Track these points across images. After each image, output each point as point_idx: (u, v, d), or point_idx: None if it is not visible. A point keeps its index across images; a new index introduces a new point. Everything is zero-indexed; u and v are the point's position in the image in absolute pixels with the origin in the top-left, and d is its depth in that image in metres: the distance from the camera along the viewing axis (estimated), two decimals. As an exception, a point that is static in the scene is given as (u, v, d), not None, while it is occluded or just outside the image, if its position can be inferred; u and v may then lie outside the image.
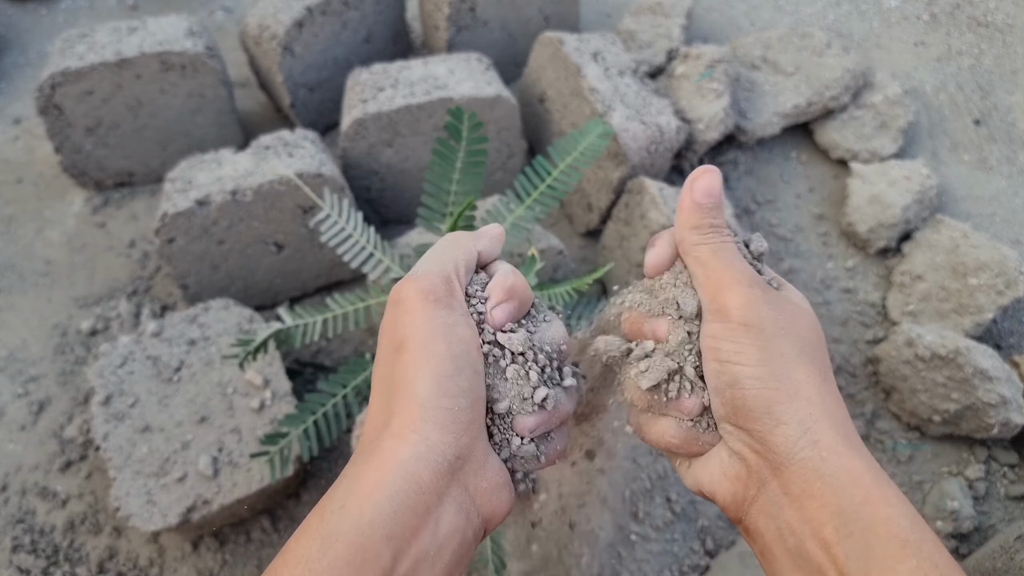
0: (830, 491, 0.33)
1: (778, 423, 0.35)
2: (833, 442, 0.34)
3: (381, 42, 1.18)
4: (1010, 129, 1.17)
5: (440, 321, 0.36)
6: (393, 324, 0.37)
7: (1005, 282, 0.88)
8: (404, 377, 0.36)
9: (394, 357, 0.36)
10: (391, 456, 0.34)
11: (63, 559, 0.76)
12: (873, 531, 0.32)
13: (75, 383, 0.88)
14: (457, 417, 0.35)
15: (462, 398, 0.35)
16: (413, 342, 0.36)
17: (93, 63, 0.94)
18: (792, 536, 0.34)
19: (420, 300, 0.36)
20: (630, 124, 0.90)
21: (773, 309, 0.37)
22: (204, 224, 0.84)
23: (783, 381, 0.36)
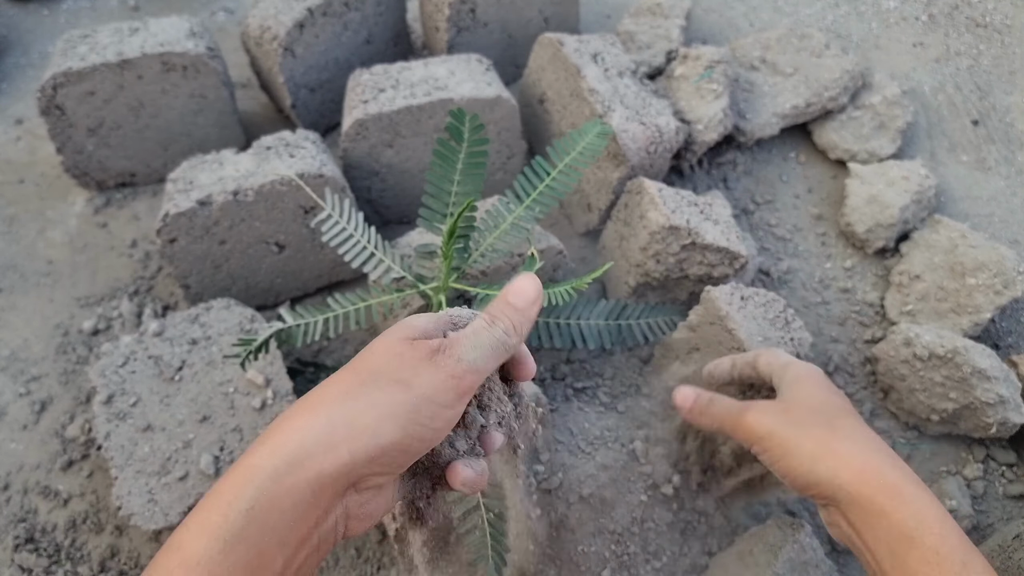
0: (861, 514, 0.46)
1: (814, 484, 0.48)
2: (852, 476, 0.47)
3: (382, 43, 1.18)
4: (1008, 130, 1.17)
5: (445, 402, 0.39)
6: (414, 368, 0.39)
7: (1003, 282, 0.88)
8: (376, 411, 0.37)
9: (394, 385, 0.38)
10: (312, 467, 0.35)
11: (65, 558, 0.76)
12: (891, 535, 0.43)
13: (77, 382, 0.89)
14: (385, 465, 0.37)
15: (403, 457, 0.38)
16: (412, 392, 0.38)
17: (95, 64, 0.94)
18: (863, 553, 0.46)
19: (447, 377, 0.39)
20: (629, 125, 0.90)
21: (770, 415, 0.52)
22: (206, 224, 0.84)
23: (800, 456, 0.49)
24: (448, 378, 0.38)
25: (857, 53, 1.28)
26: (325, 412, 0.37)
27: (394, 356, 0.39)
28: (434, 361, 0.39)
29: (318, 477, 0.35)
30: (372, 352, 0.40)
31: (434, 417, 0.38)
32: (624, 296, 0.91)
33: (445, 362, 0.39)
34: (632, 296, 0.90)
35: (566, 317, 0.83)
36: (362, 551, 0.77)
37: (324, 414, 0.37)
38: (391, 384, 0.38)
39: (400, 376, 0.38)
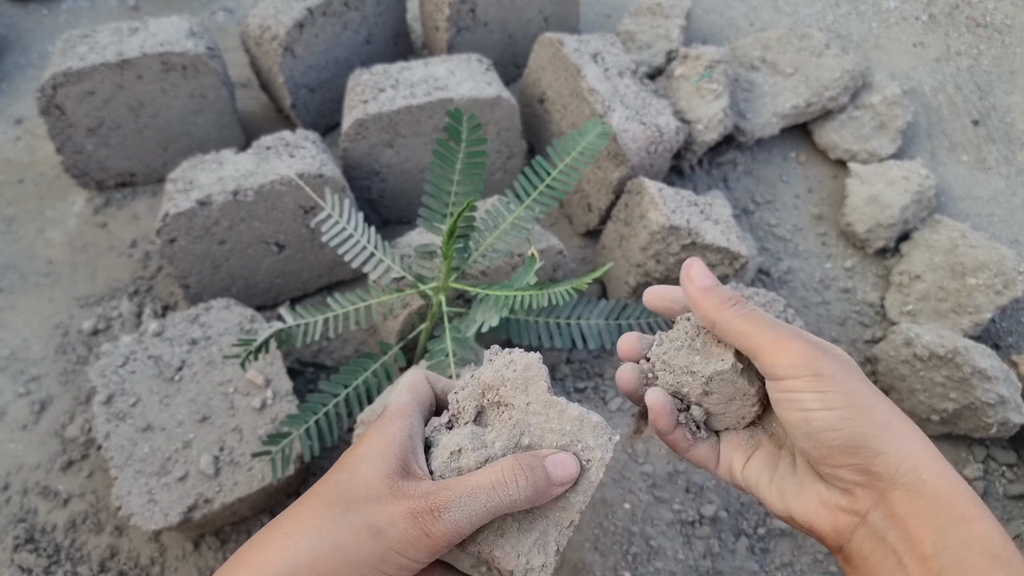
0: (931, 510, 0.36)
1: (877, 454, 0.38)
2: (930, 465, 0.37)
3: (382, 43, 1.18)
4: (1008, 129, 1.17)
5: (416, 555, 0.38)
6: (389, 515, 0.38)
7: (1003, 282, 0.88)
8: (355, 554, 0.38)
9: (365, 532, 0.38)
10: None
11: (64, 558, 0.76)
12: (968, 546, 0.35)
13: (77, 382, 0.89)
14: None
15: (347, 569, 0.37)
16: (384, 544, 0.37)
17: (94, 64, 0.94)
18: (894, 555, 0.37)
19: (421, 536, 0.38)
20: (629, 125, 0.90)
21: (829, 356, 0.40)
22: (205, 224, 0.84)
23: (872, 415, 0.39)
24: (423, 536, 0.37)
25: (857, 53, 1.28)
26: (292, 547, 0.37)
27: (372, 497, 0.38)
28: (411, 515, 0.38)
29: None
30: (353, 475, 0.39)
31: (401, 569, 0.38)
32: (624, 296, 0.91)
33: (424, 520, 0.38)
34: (632, 296, 0.90)
35: (566, 317, 0.83)
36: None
37: (291, 549, 0.37)
38: (361, 529, 0.37)
39: (373, 521, 0.37)
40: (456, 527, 0.38)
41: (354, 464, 0.40)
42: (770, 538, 0.79)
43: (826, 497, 0.41)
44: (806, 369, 0.40)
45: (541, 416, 0.42)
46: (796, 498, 0.42)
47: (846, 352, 0.44)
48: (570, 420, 0.42)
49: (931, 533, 0.36)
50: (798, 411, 0.40)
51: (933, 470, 0.37)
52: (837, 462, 0.39)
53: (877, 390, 0.40)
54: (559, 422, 0.42)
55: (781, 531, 0.79)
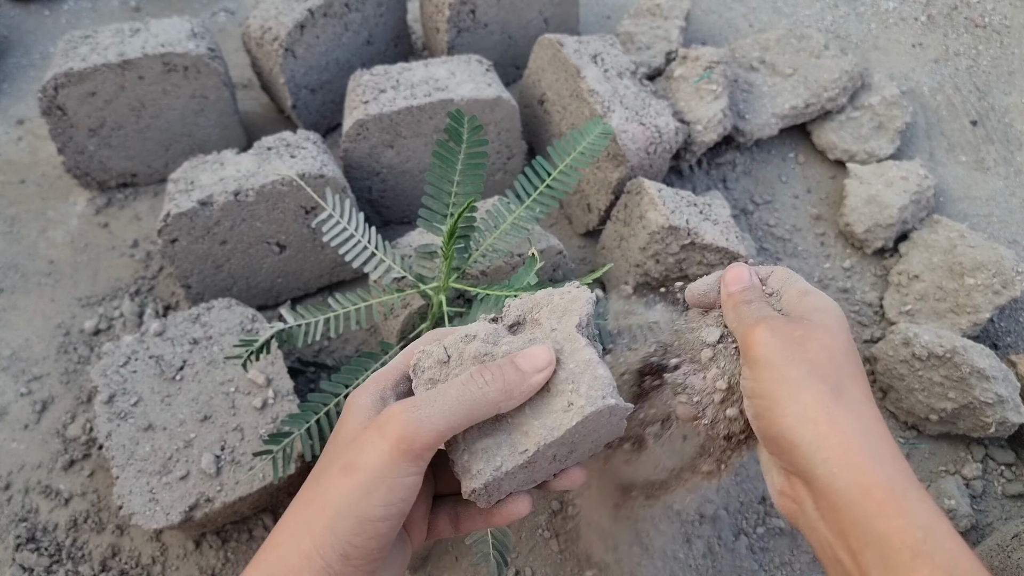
0: (845, 504, 0.36)
1: (793, 446, 0.38)
2: (842, 458, 0.36)
3: (382, 44, 1.18)
4: (1007, 130, 1.17)
5: (398, 471, 0.37)
6: (359, 446, 0.38)
7: (1002, 282, 0.88)
8: (335, 501, 0.37)
9: (339, 475, 0.37)
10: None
11: (66, 557, 0.76)
12: (886, 541, 0.34)
13: (78, 382, 0.89)
14: (365, 555, 0.37)
15: (375, 540, 0.37)
16: (361, 475, 0.37)
17: (96, 64, 0.94)
18: (829, 547, 0.37)
19: (395, 445, 0.37)
20: (629, 125, 0.91)
21: (780, 340, 0.40)
22: (207, 224, 0.84)
23: (790, 406, 0.38)
24: (396, 443, 0.36)
25: (856, 54, 1.28)
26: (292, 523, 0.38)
27: (345, 442, 0.39)
28: (380, 431, 0.37)
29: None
30: (330, 446, 0.40)
31: (392, 491, 0.36)
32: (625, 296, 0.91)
33: (390, 427, 0.37)
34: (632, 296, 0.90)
35: (566, 317, 0.84)
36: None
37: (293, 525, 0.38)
38: (337, 475, 0.37)
39: (345, 461, 0.37)
40: (429, 422, 0.37)
41: (336, 433, 0.41)
42: (769, 537, 0.79)
43: (777, 483, 0.42)
44: (751, 357, 0.41)
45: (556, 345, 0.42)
46: (768, 483, 0.44)
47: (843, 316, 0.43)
48: (577, 361, 0.41)
49: (851, 529, 0.36)
50: (746, 398, 0.42)
51: (844, 463, 0.36)
52: (771, 451, 0.41)
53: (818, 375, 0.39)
54: (567, 357, 0.41)
55: (780, 530, 0.80)
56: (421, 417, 0.37)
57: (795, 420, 0.38)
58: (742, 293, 0.45)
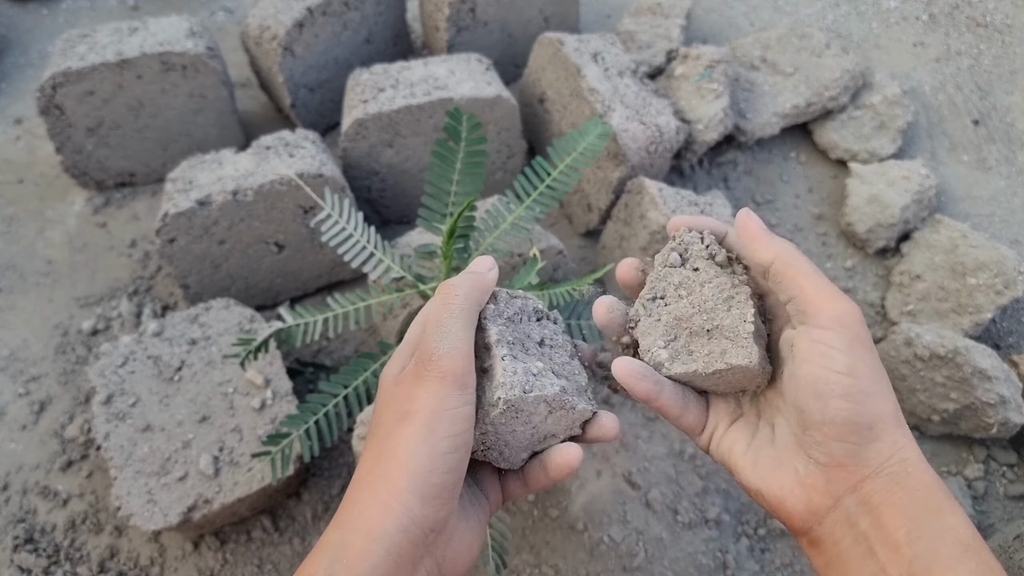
0: (910, 501, 0.37)
1: (877, 438, 0.37)
2: (916, 458, 0.38)
3: (382, 43, 1.18)
4: (1009, 129, 1.17)
5: (450, 402, 0.39)
6: (407, 396, 0.39)
7: (1004, 282, 0.88)
8: (403, 446, 0.38)
9: (396, 426, 0.39)
10: (377, 526, 0.36)
11: (64, 558, 0.76)
12: (941, 536, 0.36)
13: (76, 383, 0.89)
14: (441, 493, 0.38)
15: (449, 475, 0.38)
16: (419, 417, 0.38)
17: (94, 63, 0.94)
18: (864, 540, 0.37)
19: (439, 380, 0.39)
20: (630, 124, 0.90)
21: (864, 328, 0.39)
22: (205, 224, 0.84)
23: (885, 401, 0.38)
24: (440, 378, 0.38)
25: (857, 53, 1.27)
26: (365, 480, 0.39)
27: (391, 400, 0.40)
28: (418, 376, 0.39)
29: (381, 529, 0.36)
30: (376, 414, 0.42)
31: (453, 422, 0.38)
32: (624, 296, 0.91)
33: (426, 368, 0.39)
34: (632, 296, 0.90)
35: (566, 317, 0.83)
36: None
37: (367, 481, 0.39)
38: (397, 426, 0.38)
39: (399, 413, 0.39)
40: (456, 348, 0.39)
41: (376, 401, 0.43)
42: (770, 539, 0.79)
43: (803, 475, 0.39)
44: (848, 328, 0.38)
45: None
46: (771, 472, 0.40)
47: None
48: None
49: (906, 523, 0.36)
50: (822, 366, 0.38)
51: (920, 464, 0.38)
52: (833, 433, 0.38)
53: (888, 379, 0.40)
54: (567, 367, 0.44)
55: (781, 531, 0.79)
56: (448, 348, 0.39)
57: (888, 416, 0.38)
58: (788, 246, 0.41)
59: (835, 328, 0.38)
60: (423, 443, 0.37)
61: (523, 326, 0.45)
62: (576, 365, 0.45)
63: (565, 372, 0.44)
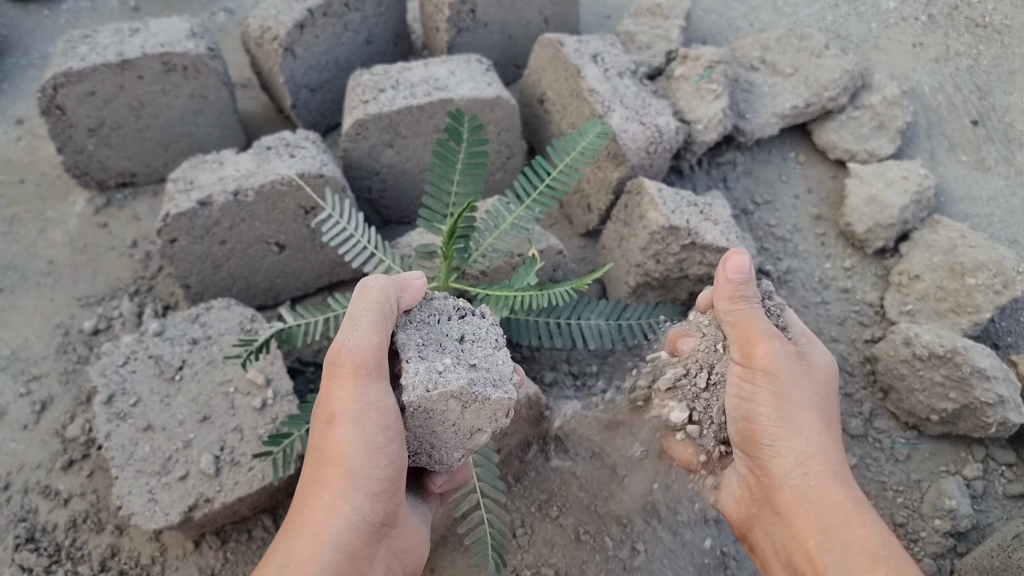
0: (815, 513, 0.40)
1: (777, 454, 0.42)
2: (821, 474, 0.41)
3: (382, 43, 1.18)
4: (1008, 130, 1.17)
5: (372, 394, 0.39)
6: (328, 397, 0.39)
7: (1003, 282, 0.88)
8: (337, 448, 0.37)
9: (326, 429, 0.38)
10: (324, 527, 0.36)
11: (65, 557, 0.76)
12: (849, 547, 0.39)
13: (77, 382, 0.89)
14: (387, 487, 0.37)
15: (391, 468, 0.38)
16: (345, 416, 0.38)
17: (95, 64, 0.94)
18: (784, 551, 0.41)
19: (352, 375, 0.39)
20: (629, 125, 0.90)
21: (790, 361, 0.44)
22: (206, 224, 0.84)
23: (788, 421, 0.42)
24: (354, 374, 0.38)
25: (857, 53, 1.28)
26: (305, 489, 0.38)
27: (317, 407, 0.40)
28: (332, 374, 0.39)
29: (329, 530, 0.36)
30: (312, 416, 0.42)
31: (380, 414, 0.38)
32: (624, 296, 0.91)
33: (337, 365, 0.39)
34: (632, 296, 0.90)
35: (566, 317, 0.83)
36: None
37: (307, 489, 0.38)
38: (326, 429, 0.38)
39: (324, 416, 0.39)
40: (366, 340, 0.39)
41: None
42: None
43: (735, 489, 0.45)
44: (758, 363, 0.44)
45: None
46: (721, 490, 0.47)
47: (834, 359, 0.47)
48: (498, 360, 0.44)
49: (815, 534, 0.40)
50: (735, 396, 0.45)
51: (822, 478, 0.41)
52: (745, 451, 0.44)
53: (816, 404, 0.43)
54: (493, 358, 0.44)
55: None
56: (357, 341, 0.39)
57: (788, 433, 0.42)
58: (744, 285, 0.47)
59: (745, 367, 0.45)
60: (356, 440, 0.37)
61: (440, 326, 0.44)
62: (502, 355, 0.44)
63: (486, 364, 0.43)
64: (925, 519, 0.81)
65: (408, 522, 0.40)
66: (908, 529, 0.81)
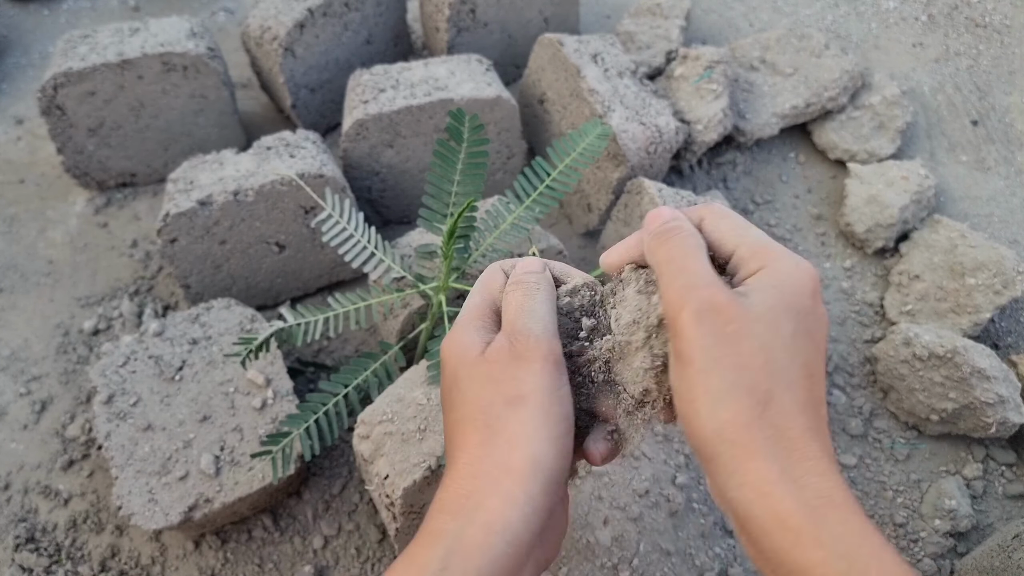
0: (761, 534, 0.32)
1: (709, 461, 0.33)
2: (760, 482, 0.31)
3: (382, 44, 1.18)
4: (1008, 130, 1.17)
5: (559, 382, 0.38)
6: (512, 378, 0.37)
7: (1003, 282, 0.88)
8: (521, 432, 0.36)
9: (508, 410, 0.36)
10: (499, 517, 0.34)
11: (65, 557, 0.76)
12: (807, 574, 0.30)
13: (77, 382, 0.89)
14: (560, 478, 0.36)
15: (565, 459, 0.36)
16: (533, 399, 0.36)
17: (95, 64, 0.94)
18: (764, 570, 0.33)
19: (543, 360, 0.37)
20: (629, 125, 0.90)
21: (708, 334, 0.33)
22: (206, 224, 0.84)
23: (709, 421, 0.33)
24: (545, 360, 0.37)
25: (857, 53, 1.28)
26: (475, 471, 0.36)
27: (487, 380, 0.38)
28: (519, 356, 0.37)
29: (504, 521, 0.34)
30: (465, 393, 0.38)
31: (563, 404, 0.37)
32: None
33: (527, 348, 0.37)
34: (632, 296, 0.90)
35: (566, 317, 0.83)
36: (362, 550, 0.77)
37: (478, 472, 0.36)
38: (508, 410, 0.36)
39: (508, 394, 0.36)
40: (550, 329, 0.38)
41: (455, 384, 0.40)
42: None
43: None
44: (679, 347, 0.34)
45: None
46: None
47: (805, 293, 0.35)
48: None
49: (772, 556, 0.32)
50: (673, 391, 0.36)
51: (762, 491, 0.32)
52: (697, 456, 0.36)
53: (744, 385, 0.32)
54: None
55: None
56: (542, 329, 0.38)
57: (714, 435, 0.33)
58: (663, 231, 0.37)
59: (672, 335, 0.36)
60: (542, 427, 0.35)
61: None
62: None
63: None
64: (925, 519, 0.81)
65: (558, 511, 0.39)
66: (908, 529, 0.81)
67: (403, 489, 0.61)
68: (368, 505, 0.79)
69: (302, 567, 0.76)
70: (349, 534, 0.78)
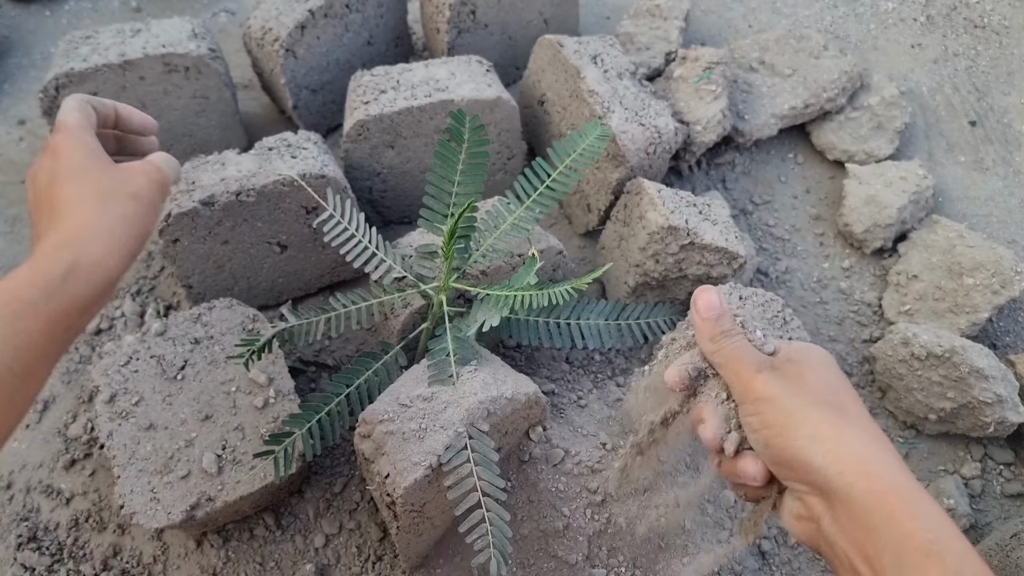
0: (861, 513, 0.38)
1: (807, 465, 0.41)
2: (856, 468, 0.39)
3: (383, 45, 1.19)
4: (1006, 130, 1.18)
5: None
6: (130, 180, 0.52)
7: (1001, 282, 0.89)
8: (74, 204, 0.49)
9: (129, 201, 0.51)
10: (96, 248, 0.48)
11: (67, 556, 0.77)
12: (900, 544, 0.37)
13: (80, 382, 0.89)
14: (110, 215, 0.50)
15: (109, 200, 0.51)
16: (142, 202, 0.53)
17: (97, 65, 0.95)
18: (847, 558, 0.40)
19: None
20: (629, 126, 0.91)
21: (781, 379, 0.44)
22: (208, 224, 0.85)
23: (800, 429, 0.42)
24: (160, 186, 0.54)
25: (855, 54, 1.28)
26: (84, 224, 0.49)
27: (111, 171, 0.52)
28: (146, 174, 0.53)
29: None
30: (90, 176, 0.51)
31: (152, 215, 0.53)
32: (624, 296, 0.91)
33: (152, 171, 0.55)
34: (631, 296, 0.90)
35: (566, 317, 0.84)
36: (363, 549, 0.78)
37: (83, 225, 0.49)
38: (126, 200, 0.50)
39: (129, 191, 0.51)
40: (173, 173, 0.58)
41: (78, 171, 0.51)
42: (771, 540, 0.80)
43: (791, 508, 0.44)
44: (755, 395, 0.44)
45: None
46: (783, 517, 0.46)
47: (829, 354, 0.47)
48: None
49: (868, 535, 0.38)
50: (750, 433, 0.45)
51: (859, 473, 0.39)
52: (783, 476, 0.44)
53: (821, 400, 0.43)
54: None
55: (780, 530, 0.80)
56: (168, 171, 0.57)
57: (806, 441, 0.41)
58: (720, 320, 0.48)
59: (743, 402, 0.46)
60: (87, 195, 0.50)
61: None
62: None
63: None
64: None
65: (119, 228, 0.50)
66: (906, 528, 0.81)
67: (404, 488, 0.62)
68: (369, 504, 0.80)
69: (303, 565, 0.76)
70: (350, 533, 0.78)
